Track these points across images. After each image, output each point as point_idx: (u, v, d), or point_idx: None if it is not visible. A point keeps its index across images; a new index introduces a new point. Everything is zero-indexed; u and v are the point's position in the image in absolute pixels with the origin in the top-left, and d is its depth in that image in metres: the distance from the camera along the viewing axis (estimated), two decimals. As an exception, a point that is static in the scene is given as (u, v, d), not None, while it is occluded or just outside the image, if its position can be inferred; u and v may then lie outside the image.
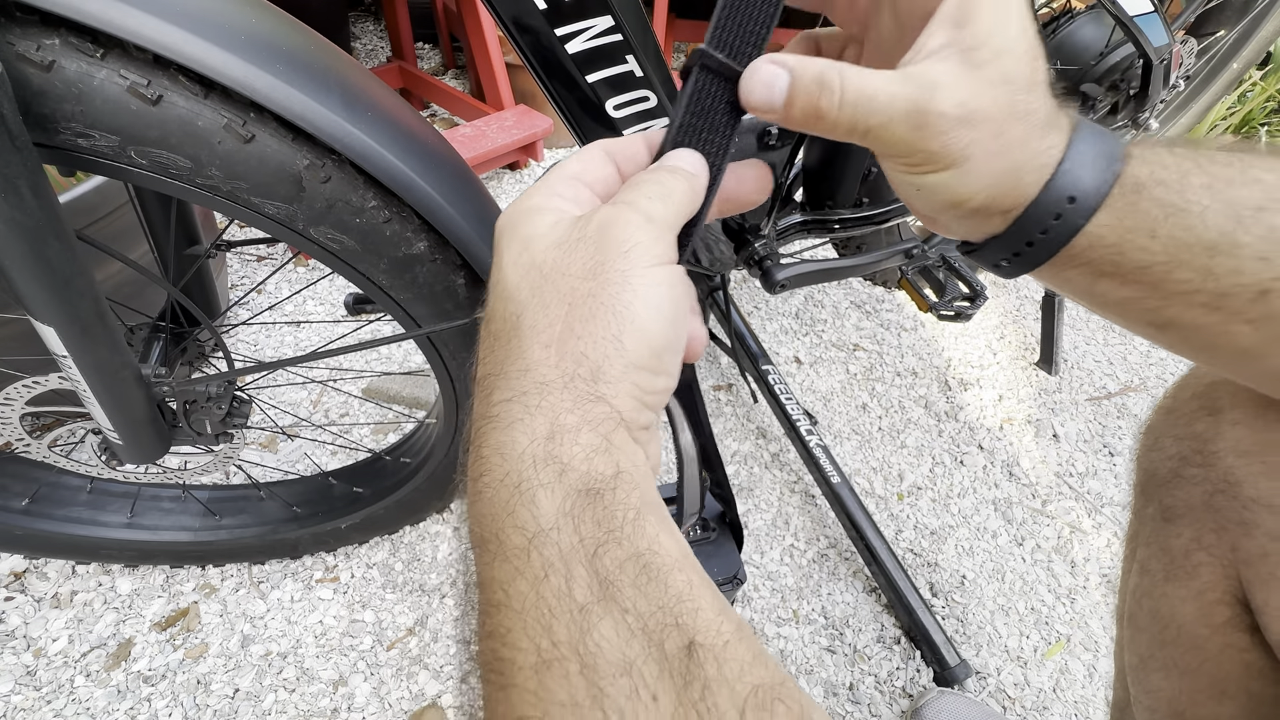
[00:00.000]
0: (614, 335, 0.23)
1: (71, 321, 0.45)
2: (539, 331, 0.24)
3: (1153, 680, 0.42)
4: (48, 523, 0.74)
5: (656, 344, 0.24)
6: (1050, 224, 0.27)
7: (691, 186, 0.27)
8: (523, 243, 0.25)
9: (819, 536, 0.99)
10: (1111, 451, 1.16)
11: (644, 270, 0.24)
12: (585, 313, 0.23)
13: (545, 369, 0.23)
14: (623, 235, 0.24)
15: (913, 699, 0.82)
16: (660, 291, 0.24)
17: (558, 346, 0.23)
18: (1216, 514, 0.38)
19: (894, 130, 0.26)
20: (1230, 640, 0.37)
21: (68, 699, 0.75)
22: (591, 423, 0.22)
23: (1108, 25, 0.90)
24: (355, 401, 1.11)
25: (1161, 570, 0.41)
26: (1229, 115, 1.70)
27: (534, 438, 0.22)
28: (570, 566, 0.20)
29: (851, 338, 1.33)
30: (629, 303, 0.23)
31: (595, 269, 0.24)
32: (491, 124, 1.57)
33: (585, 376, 0.23)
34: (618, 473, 0.22)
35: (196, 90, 0.39)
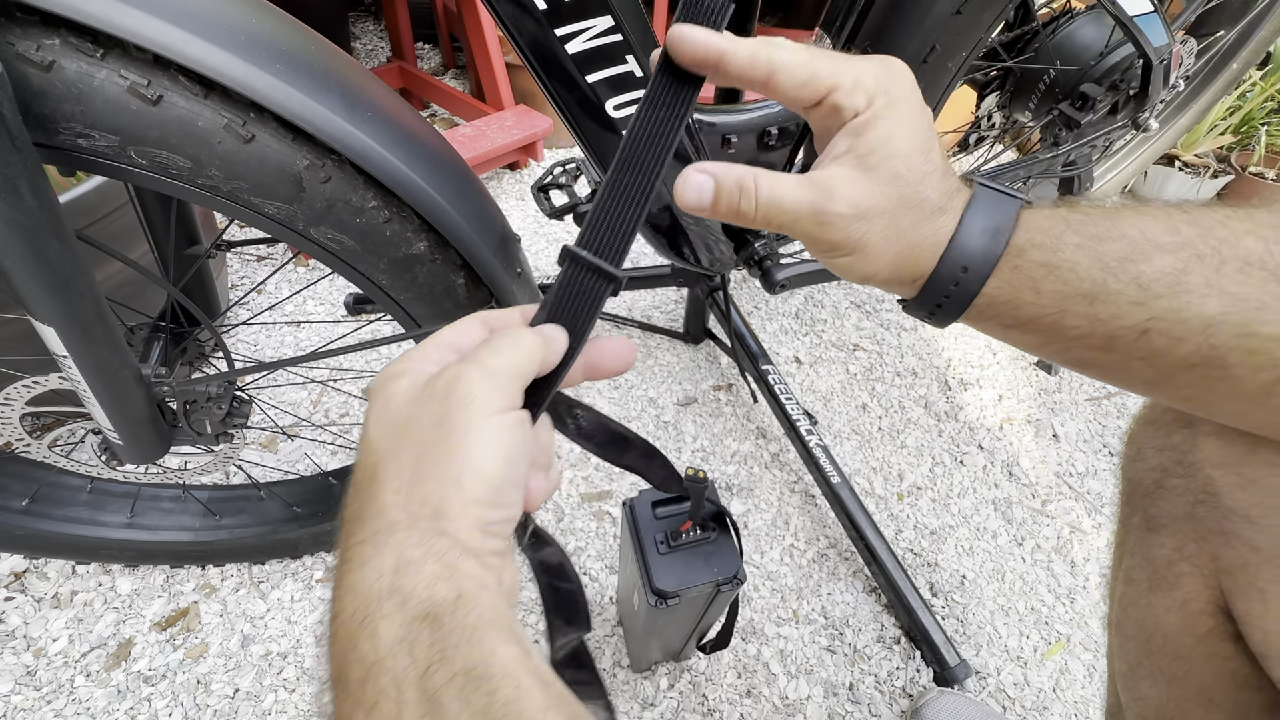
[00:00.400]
0: (454, 477, 0.25)
1: (71, 321, 0.45)
2: (391, 478, 0.26)
3: (1141, 688, 0.42)
4: (48, 523, 0.74)
5: (493, 481, 0.26)
6: (951, 289, 0.32)
7: (545, 345, 0.30)
8: (384, 402, 0.28)
9: (819, 536, 0.99)
10: (1111, 451, 1.16)
11: (482, 419, 0.26)
12: (430, 459, 0.26)
13: (394, 511, 0.25)
14: (464, 389, 0.27)
15: (913, 699, 0.82)
16: (496, 436, 0.26)
17: (406, 491, 0.26)
18: (1198, 524, 0.38)
19: (801, 226, 0.31)
20: (1215, 650, 0.37)
21: (68, 699, 0.75)
22: (436, 554, 0.24)
23: (1108, 25, 0.90)
24: (355, 401, 1.11)
25: (1146, 580, 0.41)
26: (1229, 115, 1.70)
27: (381, 573, 0.24)
28: (402, 690, 0.22)
29: (851, 338, 1.33)
30: (468, 448, 0.26)
31: (440, 420, 0.26)
32: (491, 124, 1.57)
33: (429, 515, 0.25)
34: (459, 596, 0.24)
35: (196, 90, 0.39)
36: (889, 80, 0.31)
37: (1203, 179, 1.68)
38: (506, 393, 0.28)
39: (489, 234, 0.54)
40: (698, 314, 1.22)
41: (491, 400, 0.27)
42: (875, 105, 0.30)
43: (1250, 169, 1.72)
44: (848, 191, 0.30)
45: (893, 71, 0.32)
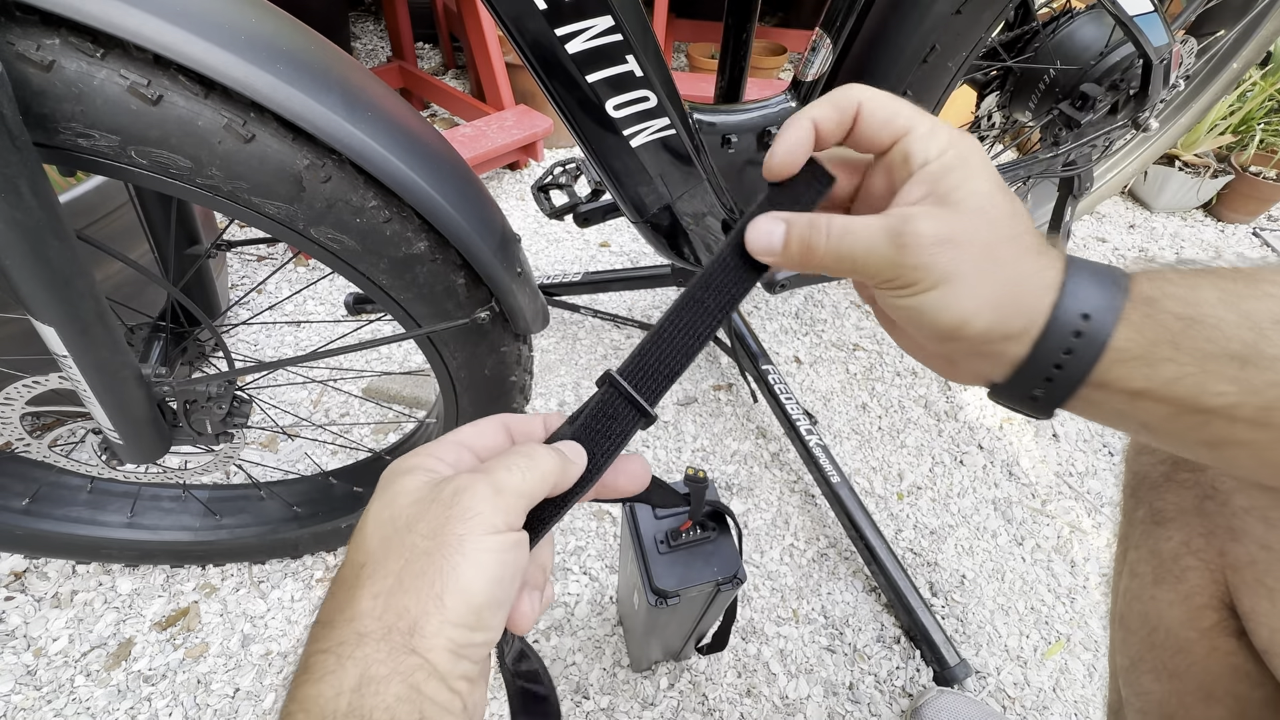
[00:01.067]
0: (437, 593, 0.25)
1: (72, 321, 0.45)
2: (374, 582, 0.25)
3: (1143, 682, 0.42)
4: (48, 522, 0.74)
5: (477, 603, 0.25)
6: (1073, 342, 0.27)
7: (563, 468, 0.29)
8: (389, 498, 0.28)
9: (819, 536, 0.99)
10: (1111, 451, 1.16)
11: (479, 536, 0.25)
12: (417, 569, 0.25)
13: (368, 620, 0.25)
14: (468, 503, 0.26)
15: (912, 698, 0.82)
16: (490, 557, 0.26)
17: (385, 598, 0.25)
18: (1206, 519, 0.38)
19: (878, 252, 0.28)
20: (1217, 644, 0.37)
21: (68, 698, 0.75)
22: (402, 673, 0.24)
23: (1108, 25, 0.90)
24: (355, 401, 1.11)
25: (1150, 573, 0.41)
26: (1229, 115, 1.70)
27: (340, 690, 0.23)
28: None
29: (851, 337, 1.33)
30: (457, 564, 0.25)
31: (437, 529, 0.26)
32: (491, 124, 1.57)
33: (403, 630, 0.24)
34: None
35: (197, 90, 0.39)
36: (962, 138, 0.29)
37: (1202, 179, 1.68)
38: (510, 512, 0.27)
39: (489, 234, 0.54)
40: (698, 314, 1.22)
41: (493, 518, 0.26)
42: (948, 155, 0.28)
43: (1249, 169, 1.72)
44: (930, 220, 0.27)
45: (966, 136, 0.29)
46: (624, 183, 0.71)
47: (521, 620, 0.30)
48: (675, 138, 0.67)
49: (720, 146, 0.75)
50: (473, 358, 0.61)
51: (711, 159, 0.74)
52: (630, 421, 0.32)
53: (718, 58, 0.84)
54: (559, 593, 0.89)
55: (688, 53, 2.25)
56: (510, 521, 0.27)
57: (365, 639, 0.24)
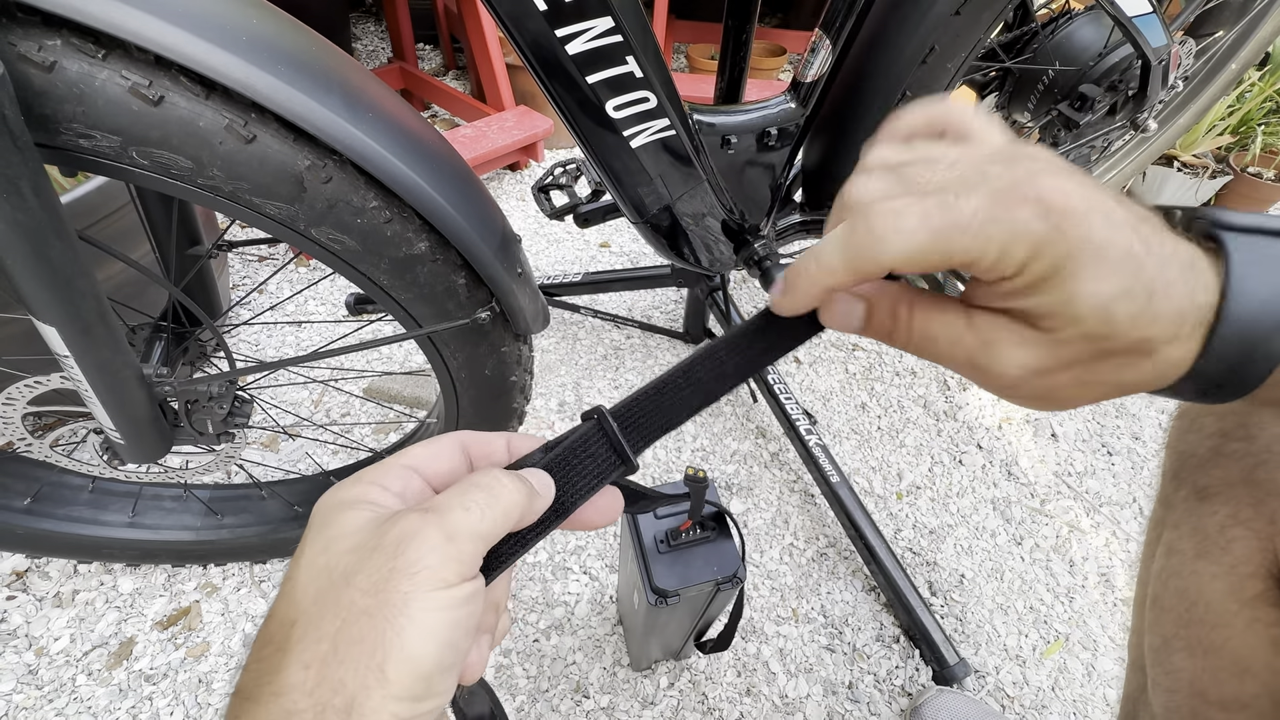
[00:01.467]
0: (379, 664, 0.21)
1: (73, 321, 0.45)
2: (305, 648, 0.22)
3: (1175, 661, 0.42)
4: (50, 522, 0.74)
5: (424, 671, 0.22)
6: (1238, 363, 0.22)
7: (528, 503, 0.26)
8: (325, 540, 0.24)
9: (818, 535, 0.99)
10: (1110, 451, 1.16)
11: (426, 594, 0.22)
12: (355, 634, 0.22)
13: (298, 695, 0.21)
14: (414, 555, 0.23)
15: (912, 697, 0.82)
16: (439, 617, 0.22)
17: (318, 668, 0.22)
18: (1256, 488, 0.38)
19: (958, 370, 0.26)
20: (1259, 614, 0.37)
21: (69, 698, 0.75)
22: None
23: (1106, 26, 0.90)
24: (356, 401, 1.11)
25: (1192, 549, 0.41)
26: (1227, 115, 1.70)
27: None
28: None
29: (850, 337, 1.33)
30: (401, 628, 0.22)
31: (379, 585, 0.22)
32: (492, 124, 1.57)
33: (339, 708, 0.21)
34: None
35: (198, 91, 0.39)
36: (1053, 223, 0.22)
37: (1201, 179, 1.69)
38: (464, 560, 0.23)
39: (490, 234, 0.54)
40: (698, 314, 1.22)
41: (443, 571, 0.23)
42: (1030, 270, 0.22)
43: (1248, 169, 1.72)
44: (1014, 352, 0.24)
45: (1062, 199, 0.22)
46: (624, 183, 0.71)
47: (469, 672, 0.27)
48: (675, 138, 0.67)
49: (720, 147, 0.75)
50: (473, 358, 0.61)
51: (711, 159, 0.74)
52: (610, 466, 0.29)
53: (717, 59, 0.84)
54: (559, 592, 0.89)
55: (687, 54, 2.25)
56: (463, 571, 0.23)
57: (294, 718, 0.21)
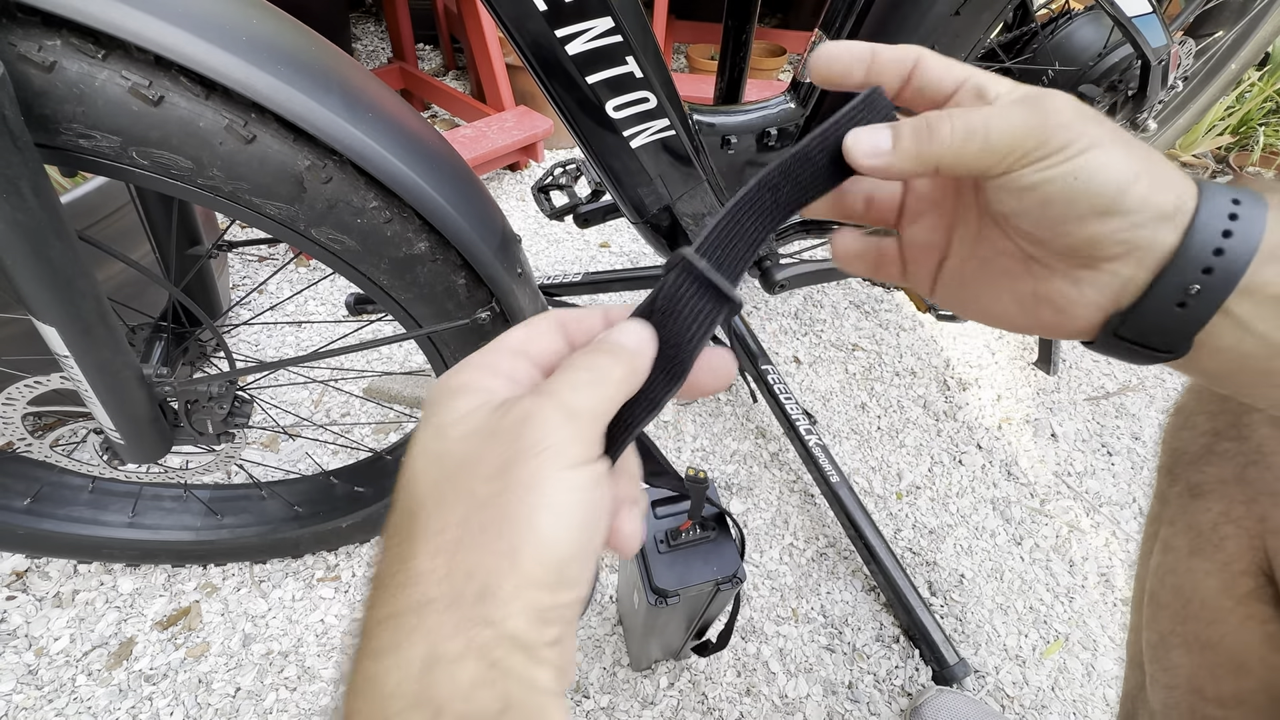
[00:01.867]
0: (510, 549, 0.20)
1: (73, 321, 0.45)
2: (430, 536, 0.21)
3: (1172, 657, 0.42)
4: (50, 522, 0.74)
5: (558, 557, 0.21)
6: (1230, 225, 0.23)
7: (631, 367, 0.24)
8: (438, 428, 0.23)
9: (818, 535, 0.99)
10: (1110, 451, 1.16)
11: (555, 474, 0.21)
12: (483, 520, 0.21)
13: (430, 583, 0.21)
14: (537, 435, 0.21)
15: (911, 697, 0.82)
16: (571, 498, 0.21)
17: (447, 556, 0.21)
18: (1247, 486, 0.38)
19: (1016, 118, 0.24)
20: (1252, 611, 0.38)
21: (69, 698, 0.75)
22: (476, 650, 0.20)
23: (1106, 26, 0.90)
24: (356, 401, 1.11)
25: (1186, 545, 0.42)
26: (1227, 116, 1.70)
27: (406, 672, 0.20)
28: None
29: (850, 338, 1.33)
30: (531, 512, 0.21)
31: (503, 469, 0.21)
32: (492, 125, 1.57)
33: (471, 597, 0.20)
34: (505, 708, 0.20)
35: (198, 91, 0.39)
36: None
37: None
38: (587, 439, 0.22)
39: (490, 234, 0.54)
40: (697, 314, 1.22)
41: (569, 450, 0.22)
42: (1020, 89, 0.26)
43: (1248, 169, 1.72)
44: (1061, 97, 0.25)
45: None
46: (624, 183, 0.71)
47: (628, 542, 0.26)
48: (675, 138, 0.67)
49: (720, 147, 0.75)
50: (473, 358, 0.61)
51: (711, 160, 0.74)
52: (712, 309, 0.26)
53: (717, 59, 0.84)
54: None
55: (687, 54, 2.25)
56: (588, 451, 0.22)
57: (428, 608, 0.20)
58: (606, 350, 0.24)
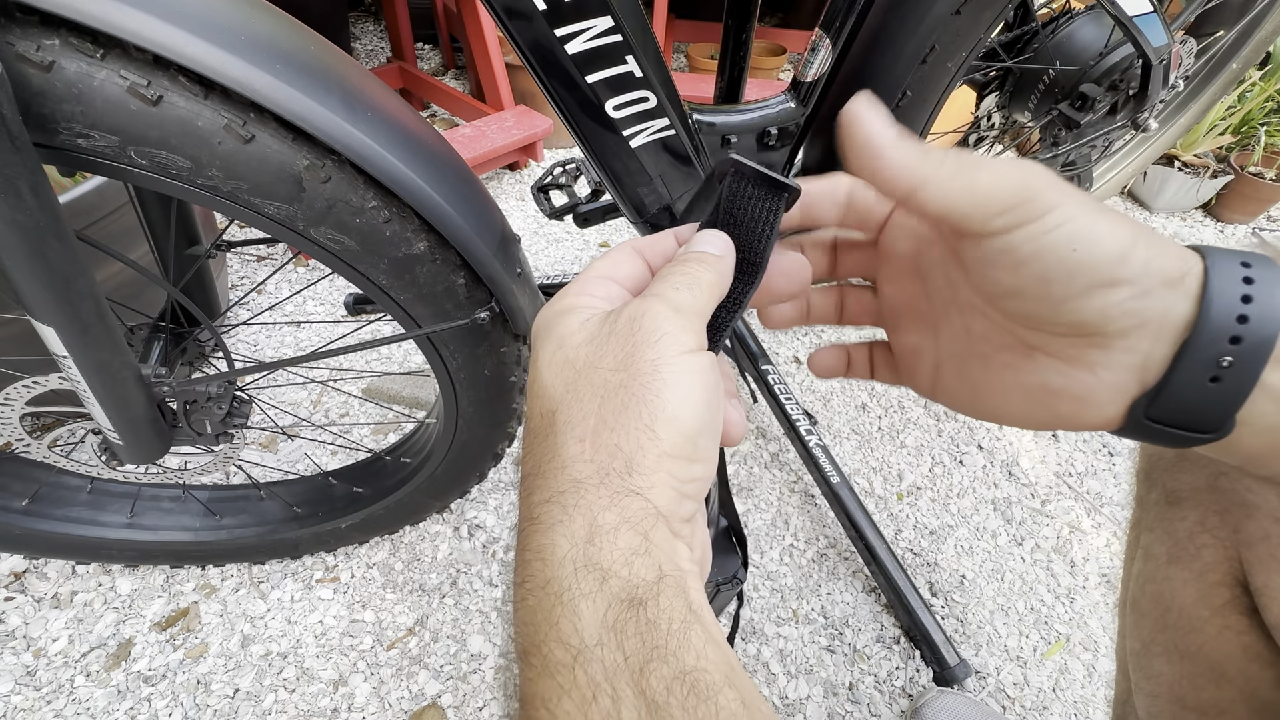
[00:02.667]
0: (646, 424, 0.23)
1: (72, 322, 0.45)
2: (573, 426, 0.24)
3: (1154, 665, 0.42)
4: (48, 523, 0.74)
5: (690, 429, 0.23)
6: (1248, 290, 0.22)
7: (718, 271, 0.27)
8: (557, 342, 0.26)
9: (818, 536, 0.99)
10: (1110, 451, 1.16)
11: (673, 358, 0.24)
12: (617, 404, 0.23)
13: (580, 465, 0.23)
14: (651, 326, 0.24)
15: (912, 699, 0.82)
16: (691, 379, 0.24)
17: (591, 440, 0.23)
18: (1221, 496, 0.38)
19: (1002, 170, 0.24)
20: (1229, 622, 0.37)
21: (68, 699, 0.75)
22: (630, 521, 0.22)
23: (1107, 25, 0.90)
24: (355, 401, 1.11)
25: (1165, 553, 0.41)
26: (1228, 115, 1.70)
27: (574, 541, 0.22)
28: (616, 687, 0.20)
29: (851, 338, 1.33)
30: (659, 391, 0.23)
31: (626, 361, 0.24)
32: (491, 124, 1.57)
33: (619, 470, 0.22)
34: (660, 577, 0.21)
35: (196, 91, 0.39)
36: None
37: (1202, 179, 1.68)
38: (695, 331, 0.25)
39: (489, 234, 0.54)
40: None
41: (681, 337, 0.24)
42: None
43: (1249, 169, 1.72)
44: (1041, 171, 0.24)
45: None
46: (624, 183, 0.71)
47: (735, 431, 0.28)
48: (675, 138, 0.67)
49: (720, 147, 0.75)
50: (473, 358, 0.61)
51: (711, 159, 0.74)
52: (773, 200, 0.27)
53: (717, 58, 0.84)
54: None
55: (687, 53, 2.25)
56: (700, 341, 0.25)
57: (583, 485, 0.22)
58: (694, 259, 0.27)
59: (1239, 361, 0.22)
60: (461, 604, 0.87)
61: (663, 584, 0.21)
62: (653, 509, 0.22)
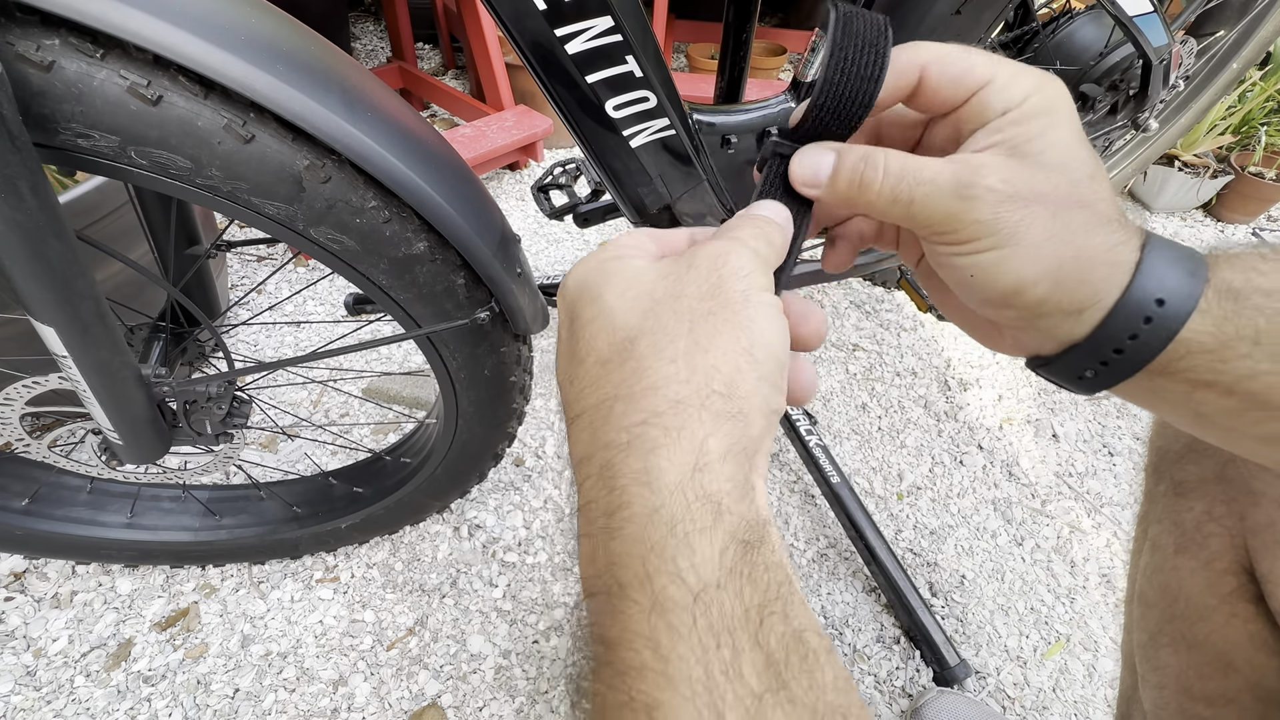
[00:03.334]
0: (744, 348, 0.22)
1: (72, 322, 0.45)
2: (662, 349, 0.23)
3: (1161, 657, 0.42)
4: (48, 523, 0.74)
5: (780, 355, 0.23)
6: (1140, 328, 0.25)
7: (784, 235, 0.28)
8: (625, 280, 0.25)
9: (818, 536, 0.99)
10: (1111, 451, 1.16)
11: (759, 294, 0.24)
12: (710, 329, 0.23)
13: (677, 385, 0.22)
14: (738, 263, 0.24)
15: (912, 699, 0.82)
16: (773, 312, 0.24)
17: (685, 360, 0.22)
18: (1228, 485, 0.38)
19: (939, 201, 0.25)
20: (1236, 610, 0.38)
21: (68, 699, 0.75)
22: (734, 450, 0.21)
23: (1107, 25, 0.90)
24: (355, 401, 1.11)
25: (1172, 544, 0.42)
26: (1228, 115, 1.70)
27: (682, 469, 0.20)
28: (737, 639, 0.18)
29: (851, 338, 1.33)
30: (752, 318, 0.23)
31: (713, 290, 0.24)
32: (491, 124, 1.57)
33: (721, 391, 0.22)
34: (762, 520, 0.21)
35: (196, 90, 0.39)
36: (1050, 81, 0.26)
37: (1202, 179, 1.68)
38: (769, 275, 0.26)
39: (489, 234, 0.54)
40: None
41: (763, 278, 0.25)
42: (1032, 100, 0.25)
43: (1249, 169, 1.72)
44: (1000, 169, 0.24)
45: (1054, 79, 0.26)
46: (624, 183, 0.71)
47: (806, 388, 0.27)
48: (675, 138, 0.67)
49: (720, 147, 0.75)
50: (473, 358, 0.61)
51: (711, 159, 0.74)
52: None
53: (717, 58, 0.84)
54: (559, 593, 0.89)
55: (688, 53, 2.25)
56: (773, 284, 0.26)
57: (683, 406, 0.21)
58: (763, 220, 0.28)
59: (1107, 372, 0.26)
60: (461, 604, 0.87)
61: (766, 529, 0.20)
62: (753, 437, 0.22)
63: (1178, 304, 0.24)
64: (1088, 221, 0.25)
